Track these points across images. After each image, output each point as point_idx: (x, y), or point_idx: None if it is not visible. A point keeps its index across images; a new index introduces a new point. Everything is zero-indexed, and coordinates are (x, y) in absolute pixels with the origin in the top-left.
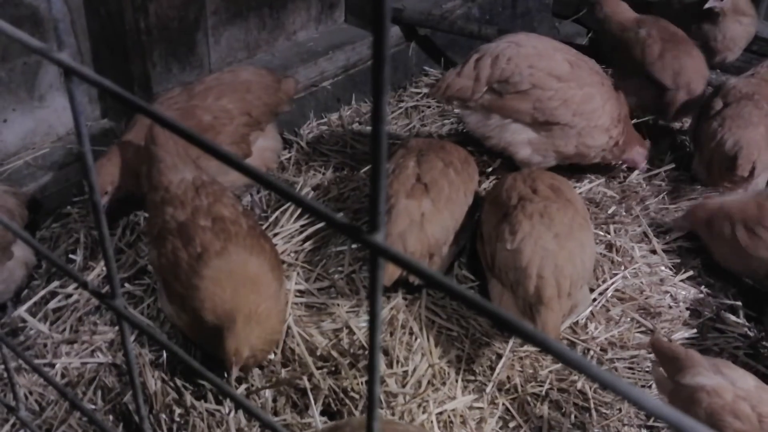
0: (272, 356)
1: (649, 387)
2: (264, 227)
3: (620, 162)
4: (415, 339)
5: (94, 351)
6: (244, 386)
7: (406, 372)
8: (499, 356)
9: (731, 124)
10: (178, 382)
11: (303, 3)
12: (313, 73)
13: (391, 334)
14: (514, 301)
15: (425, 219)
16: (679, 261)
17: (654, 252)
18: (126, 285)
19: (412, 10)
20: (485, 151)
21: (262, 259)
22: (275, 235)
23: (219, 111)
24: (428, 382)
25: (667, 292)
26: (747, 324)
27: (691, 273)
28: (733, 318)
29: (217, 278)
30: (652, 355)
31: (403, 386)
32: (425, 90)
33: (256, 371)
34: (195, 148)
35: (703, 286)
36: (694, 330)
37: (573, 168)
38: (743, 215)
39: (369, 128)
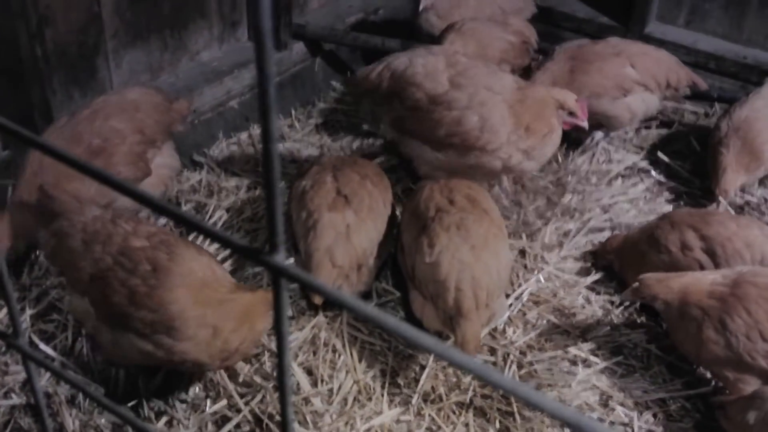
0: (195, 388)
1: (569, 386)
2: None
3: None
4: (339, 356)
5: (7, 392)
6: (165, 419)
7: (331, 390)
8: (423, 367)
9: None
10: (100, 421)
11: (205, 23)
12: (220, 92)
13: (314, 353)
14: (435, 313)
15: (351, 230)
16: (589, 265)
17: (565, 257)
18: (36, 322)
19: (315, 25)
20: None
21: (210, 258)
22: None
23: (109, 132)
24: (354, 399)
25: (579, 293)
26: (655, 320)
27: (601, 275)
28: (642, 318)
29: (182, 283)
30: (569, 355)
31: (329, 404)
32: (335, 105)
33: (179, 405)
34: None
35: (612, 289)
36: (608, 327)
37: None
38: (650, 242)
39: (279, 146)
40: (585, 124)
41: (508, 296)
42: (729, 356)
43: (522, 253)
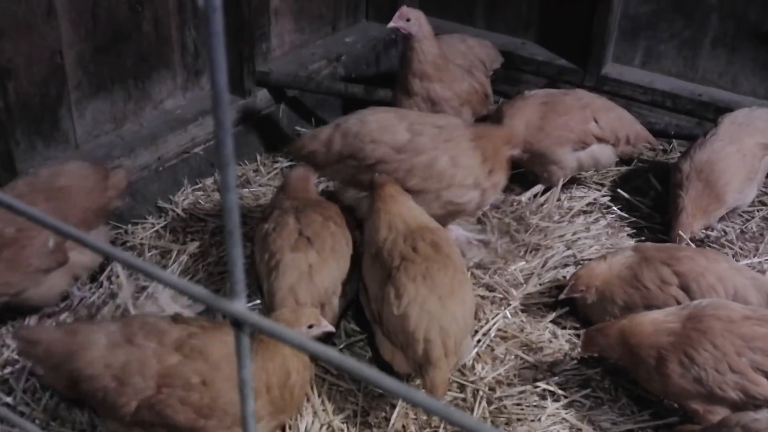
0: None
1: (539, 420)
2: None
3: None
4: (306, 399)
5: None
6: None
7: None
8: (393, 406)
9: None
10: None
11: (168, 72)
12: (184, 140)
13: None
14: (404, 359)
15: (313, 270)
16: (554, 299)
17: (530, 293)
18: None
19: (278, 72)
20: None
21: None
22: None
23: (25, 222)
24: None
25: (546, 328)
26: None
27: (566, 309)
28: None
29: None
30: (538, 389)
31: None
32: None
33: None
34: None
35: (578, 323)
36: (575, 361)
37: None
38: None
39: (245, 190)
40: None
41: (476, 332)
42: (699, 390)
43: (489, 288)
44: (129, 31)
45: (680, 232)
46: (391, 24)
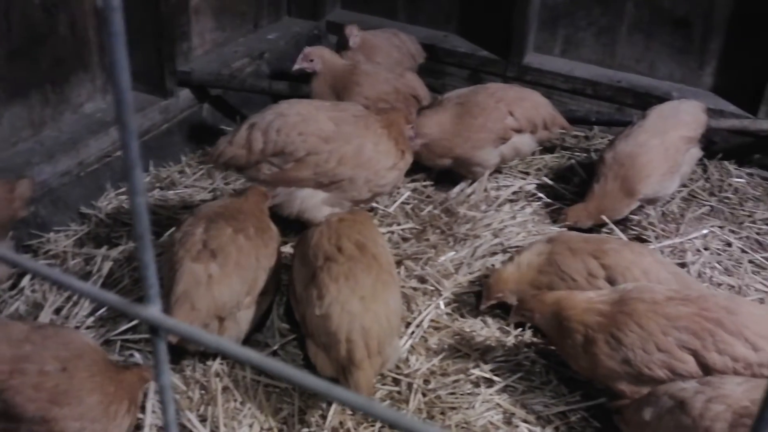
0: None
1: (473, 408)
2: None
3: None
4: (242, 403)
5: None
6: None
7: None
8: (330, 404)
9: None
10: None
11: (86, 75)
12: (105, 143)
13: (208, 403)
14: (328, 361)
15: (213, 281)
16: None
17: (461, 283)
18: None
19: (200, 71)
20: None
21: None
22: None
23: None
24: None
25: (477, 316)
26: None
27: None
28: (538, 336)
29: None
30: (471, 377)
31: None
32: None
33: None
34: None
35: (508, 310)
36: (507, 347)
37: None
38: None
39: (171, 192)
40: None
41: (409, 324)
42: (627, 371)
43: (420, 280)
44: (44, 34)
45: (567, 213)
46: (296, 66)
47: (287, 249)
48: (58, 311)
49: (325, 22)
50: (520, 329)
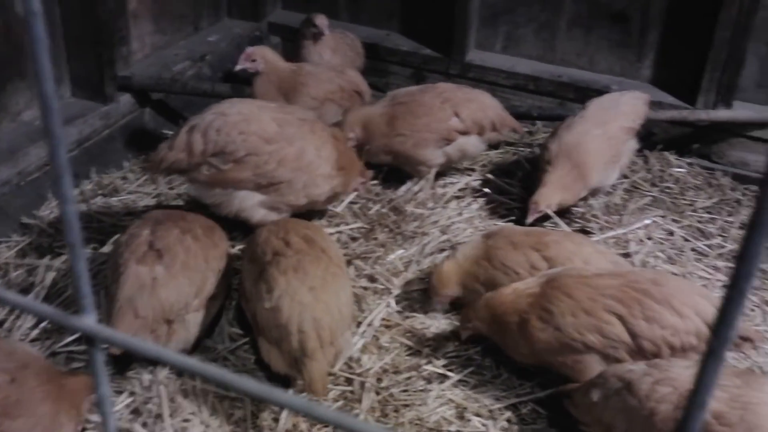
0: None
1: (426, 404)
2: None
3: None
4: (194, 412)
5: None
6: None
7: None
8: (282, 406)
9: None
10: None
11: (23, 83)
12: (45, 151)
13: (158, 416)
14: (281, 357)
15: (157, 284)
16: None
17: (411, 280)
18: None
19: (141, 75)
20: None
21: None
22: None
23: None
24: None
25: (427, 313)
26: None
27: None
28: None
29: None
30: (424, 373)
31: None
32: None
33: None
34: None
35: (458, 306)
36: (457, 342)
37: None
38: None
39: (114, 199)
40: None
41: (360, 323)
42: (560, 338)
43: (370, 279)
44: None
45: (537, 201)
46: (238, 66)
47: (234, 251)
48: (0, 324)
49: (267, 23)
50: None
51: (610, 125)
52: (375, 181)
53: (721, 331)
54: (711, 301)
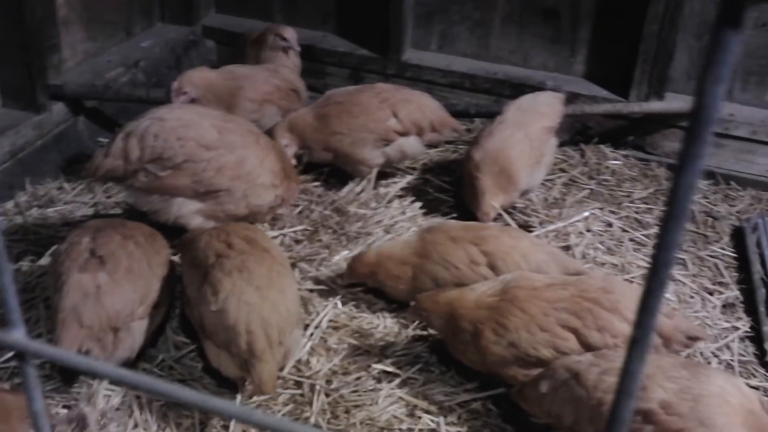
0: None
1: (376, 404)
2: None
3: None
4: (135, 425)
5: None
6: None
7: None
8: None
9: None
10: None
11: None
12: None
13: (104, 425)
14: (230, 359)
15: (102, 291)
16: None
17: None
18: None
19: (73, 83)
20: None
21: None
22: None
23: None
24: None
25: (375, 313)
26: None
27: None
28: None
29: None
30: (373, 373)
31: None
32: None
33: None
34: None
35: (404, 305)
36: (406, 341)
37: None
38: (409, 253)
39: (50, 210)
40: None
41: (307, 326)
42: (514, 354)
43: (316, 281)
44: None
45: (486, 211)
46: (175, 101)
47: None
48: None
49: (201, 26)
50: (417, 322)
51: (531, 127)
52: (317, 183)
53: (644, 319)
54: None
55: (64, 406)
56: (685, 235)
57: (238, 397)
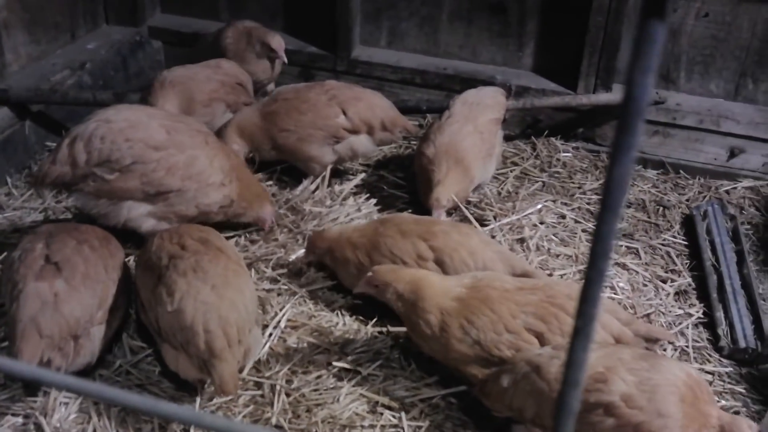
0: None
1: (338, 402)
2: None
3: (251, 219)
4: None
5: None
6: None
7: None
8: None
9: None
10: None
11: None
12: None
13: None
14: (189, 361)
15: (60, 299)
16: (336, 282)
17: (314, 279)
18: None
19: (18, 87)
20: None
21: None
22: None
23: None
24: None
25: (333, 311)
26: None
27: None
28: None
29: None
30: (334, 371)
31: None
32: None
33: None
34: None
35: (363, 302)
36: (365, 338)
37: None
38: (363, 240)
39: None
40: (267, 225)
41: (266, 326)
42: (477, 352)
43: (273, 281)
44: None
45: (438, 198)
46: None
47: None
48: None
49: (147, 27)
50: (375, 318)
51: (479, 120)
52: (270, 182)
53: (585, 309)
54: (614, 313)
55: (23, 416)
56: (637, 225)
57: (198, 400)
